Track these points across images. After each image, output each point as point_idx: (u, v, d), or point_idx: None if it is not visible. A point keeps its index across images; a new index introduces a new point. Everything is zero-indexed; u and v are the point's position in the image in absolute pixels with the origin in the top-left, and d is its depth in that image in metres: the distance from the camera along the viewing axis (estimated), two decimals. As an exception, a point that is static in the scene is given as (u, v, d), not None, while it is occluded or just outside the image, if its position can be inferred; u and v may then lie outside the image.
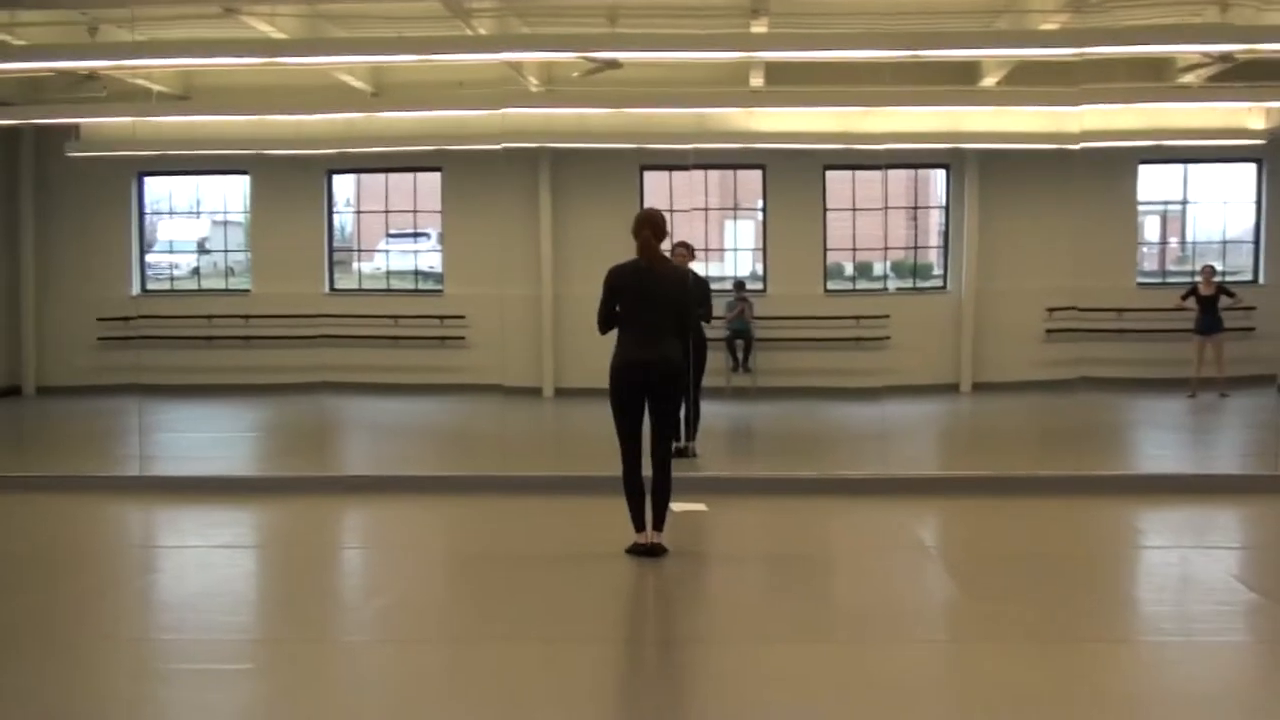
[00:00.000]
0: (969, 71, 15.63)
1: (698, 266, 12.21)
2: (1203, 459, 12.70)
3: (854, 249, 17.86)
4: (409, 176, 18.07)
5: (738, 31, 13.03)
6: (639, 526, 7.79)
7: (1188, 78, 14.60)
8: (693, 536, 8.30)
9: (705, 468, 10.86)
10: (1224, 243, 17.63)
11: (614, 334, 7.84)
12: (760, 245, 18.05)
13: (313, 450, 11.43)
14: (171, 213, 19.18)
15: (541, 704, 5.41)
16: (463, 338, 16.88)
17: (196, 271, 18.79)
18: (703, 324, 11.34)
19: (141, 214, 18.16)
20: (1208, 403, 15.34)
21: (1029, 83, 14.99)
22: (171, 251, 18.83)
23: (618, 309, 7.79)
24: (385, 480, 10.49)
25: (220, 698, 5.53)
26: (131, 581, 7.81)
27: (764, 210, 17.91)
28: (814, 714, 5.25)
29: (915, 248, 18.62)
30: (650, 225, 7.78)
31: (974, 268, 17.03)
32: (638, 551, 7.73)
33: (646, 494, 7.78)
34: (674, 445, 8.17)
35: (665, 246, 8.15)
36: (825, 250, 17.50)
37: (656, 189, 17.35)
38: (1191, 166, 17.67)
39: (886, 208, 16.66)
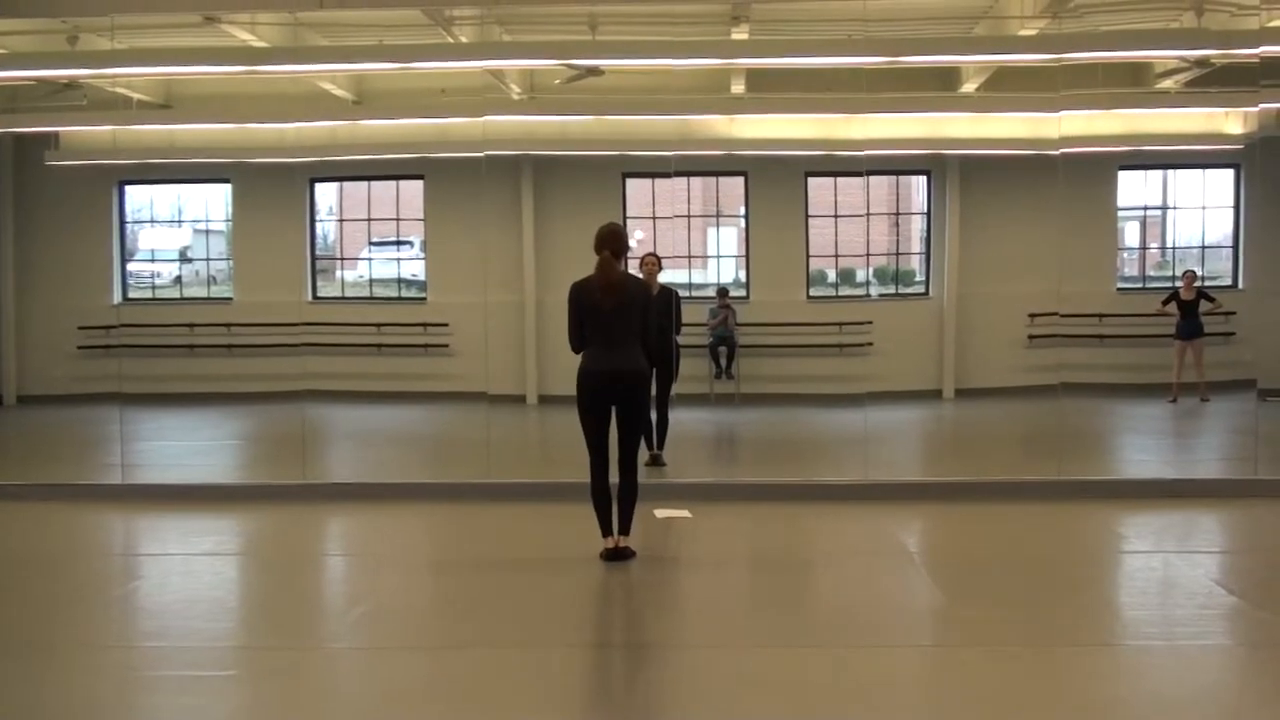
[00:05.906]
0: (949, 78, 15.70)
1: (679, 274, 12.21)
2: (1184, 464, 12.75)
3: (836, 255, 17.88)
4: (391, 184, 18.06)
5: (719, 39, 13.07)
6: (606, 532, 7.91)
7: (1166, 83, 14.69)
8: (676, 542, 8.31)
9: (689, 474, 10.85)
10: (1203, 248, 17.70)
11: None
12: (743, 252, 18.07)
13: (295, 458, 11.39)
14: (153, 221, 19.10)
15: (521, 710, 5.41)
16: (446, 345, 16.86)
17: (178, 280, 18.72)
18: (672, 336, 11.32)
19: (122, 222, 18.09)
20: (1188, 407, 15.39)
21: (1008, 89, 15.08)
22: (153, 260, 18.76)
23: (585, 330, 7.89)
24: (368, 488, 10.48)
25: (203, 704, 5.52)
26: (114, 588, 7.78)
27: (746, 217, 17.93)
28: (796, 719, 5.25)
29: (897, 254, 18.67)
30: (611, 243, 7.92)
31: (956, 273, 17.08)
32: (606, 556, 7.81)
33: (613, 500, 7.90)
34: (645, 452, 8.22)
35: (633, 259, 8.21)
36: (808, 257, 17.53)
37: (639, 196, 17.34)
38: (1170, 172, 17.77)
39: (869, 214, 16.68)
